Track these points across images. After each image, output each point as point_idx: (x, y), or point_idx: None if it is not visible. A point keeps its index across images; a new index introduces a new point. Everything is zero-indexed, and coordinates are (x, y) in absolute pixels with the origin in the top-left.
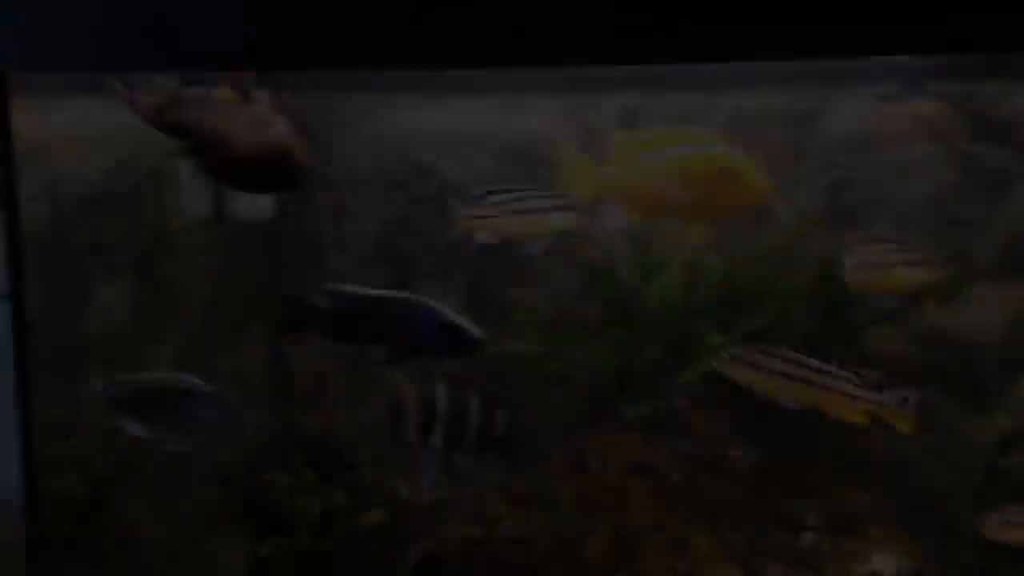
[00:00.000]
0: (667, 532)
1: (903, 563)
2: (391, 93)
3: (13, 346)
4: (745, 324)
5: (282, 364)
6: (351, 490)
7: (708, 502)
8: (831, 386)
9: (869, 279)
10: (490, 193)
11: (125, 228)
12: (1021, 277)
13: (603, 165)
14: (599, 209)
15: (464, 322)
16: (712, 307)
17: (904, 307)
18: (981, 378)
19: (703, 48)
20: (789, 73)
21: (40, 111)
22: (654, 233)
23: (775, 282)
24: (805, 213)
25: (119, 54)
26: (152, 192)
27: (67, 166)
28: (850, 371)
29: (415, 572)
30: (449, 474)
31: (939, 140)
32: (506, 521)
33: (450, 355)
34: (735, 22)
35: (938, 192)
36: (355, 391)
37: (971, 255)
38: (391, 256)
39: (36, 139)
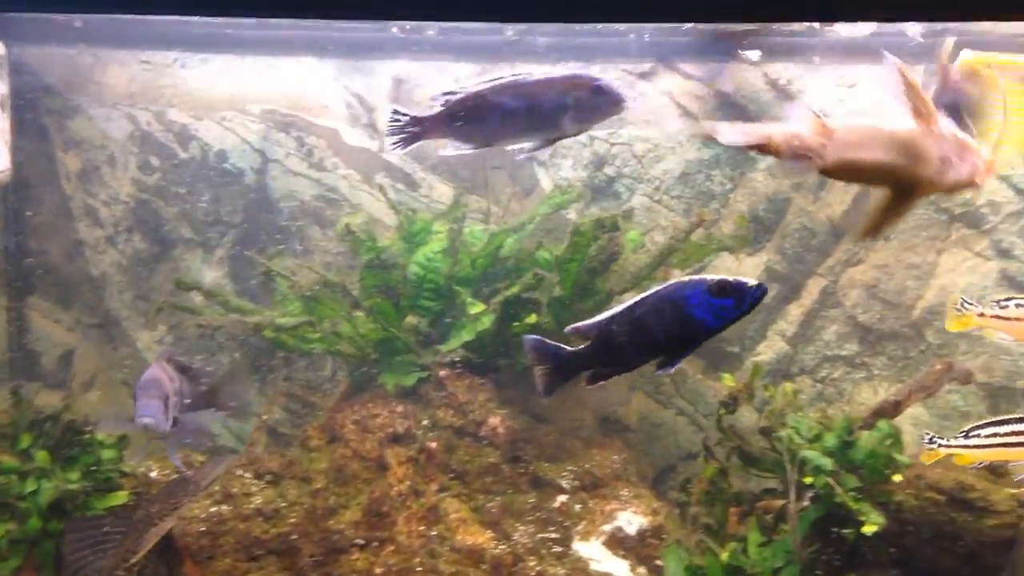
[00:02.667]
0: (422, 499)
1: (646, 520)
2: (145, 49)
3: None
4: (504, 292)
5: (23, 339)
6: (88, 472)
7: (464, 470)
8: None
9: None
10: None
11: None
12: (757, 247)
13: None
14: None
15: (731, 279)
16: (474, 275)
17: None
18: (723, 344)
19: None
20: (552, 46)
21: None
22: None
23: (533, 251)
24: (569, 187)
25: None
26: None
27: None
28: None
29: (159, 553)
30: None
31: (689, 117)
32: (255, 497)
33: (738, 316)
34: None
35: (687, 167)
36: (103, 370)
37: (718, 227)
38: (147, 224)
39: None
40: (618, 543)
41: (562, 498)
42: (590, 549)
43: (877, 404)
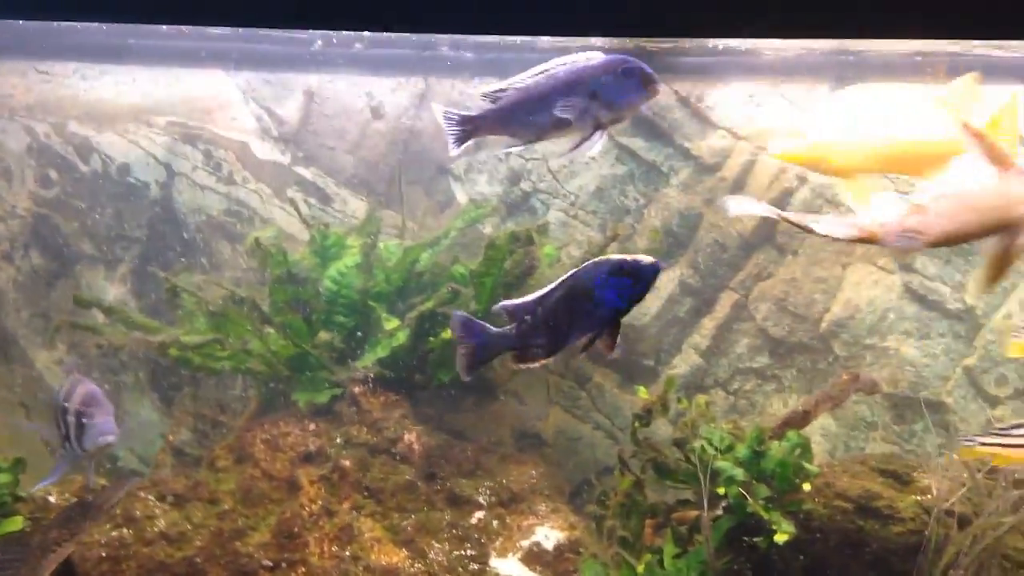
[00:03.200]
0: (335, 519)
1: (563, 535)
2: (44, 59)
3: None
4: (420, 307)
5: None
6: None
7: (379, 488)
8: None
9: None
10: None
11: None
12: (671, 262)
13: None
14: None
15: (629, 258)
16: (389, 291)
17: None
18: (640, 357)
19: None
20: (473, 62)
21: None
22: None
23: (449, 266)
24: (484, 202)
25: None
26: None
27: None
28: None
29: None
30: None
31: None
32: (159, 520)
33: (639, 293)
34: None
35: (602, 182)
36: (11, 388)
37: (633, 241)
38: (45, 240)
39: None
40: (535, 558)
41: (479, 514)
42: (507, 565)
43: (787, 414)
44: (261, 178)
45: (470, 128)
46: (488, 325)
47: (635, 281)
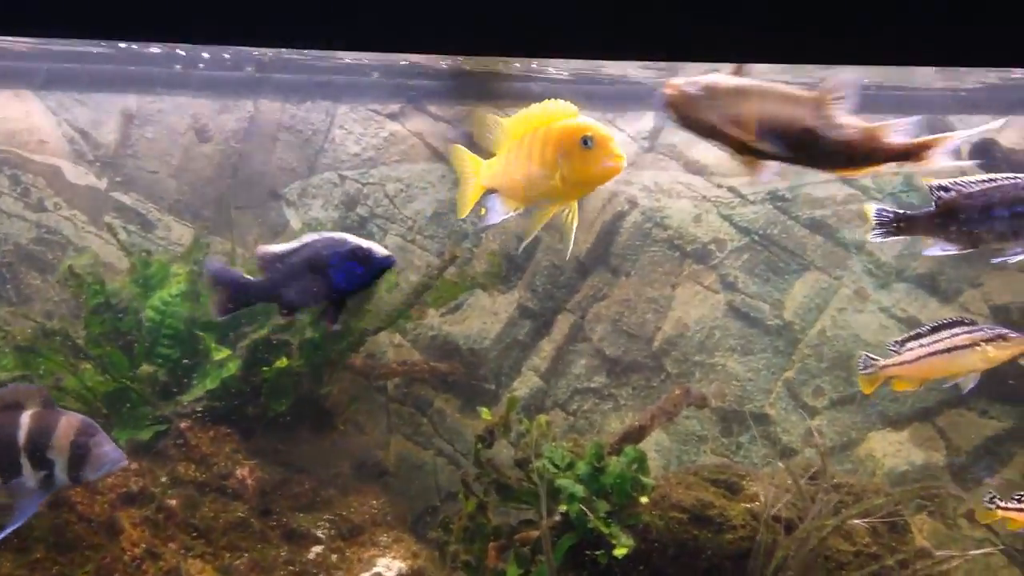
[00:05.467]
0: (160, 562)
1: (405, 564)
2: None
3: None
4: (252, 336)
5: None
6: None
7: (209, 527)
8: None
9: None
10: None
11: None
12: (510, 285)
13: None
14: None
15: (365, 245)
16: (219, 320)
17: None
18: (481, 381)
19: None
20: (298, 84)
21: None
22: (155, 241)
23: None
24: (319, 227)
25: None
26: None
27: None
28: None
29: None
30: None
31: (438, 158)
32: None
33: (367, 281)
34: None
35: (439, 207)
36: None
37: (471, 265)
38: None
39: None
40: None
41: (317, 549)
42: None
43: (624, 430)
44: (75, 204)
45: (904, 227)
46: (243, 275)
47: (365, 269)
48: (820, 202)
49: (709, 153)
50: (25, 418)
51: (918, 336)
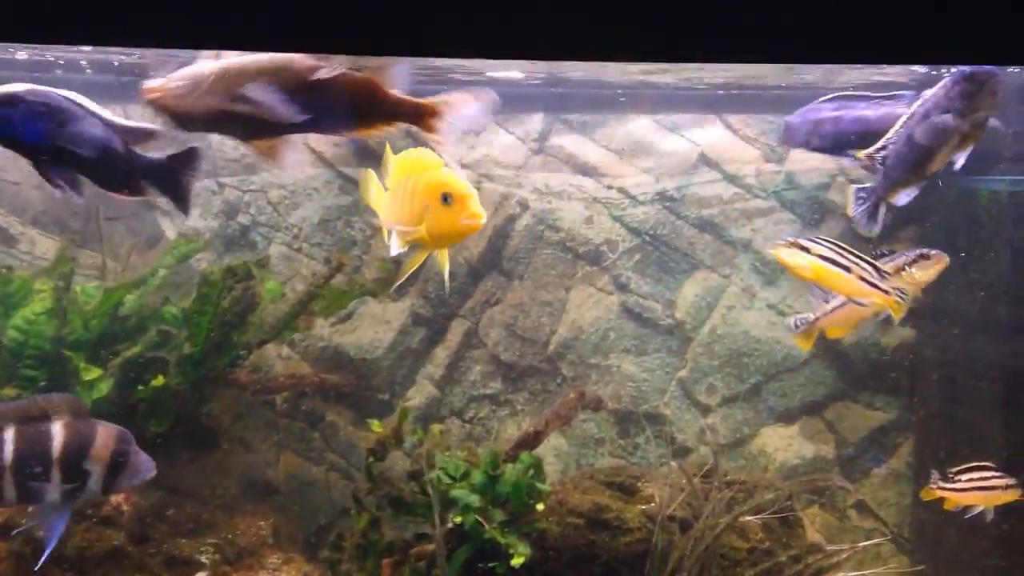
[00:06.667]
0: None
1: None
2: None
3: None
4: (125, 353)
5: None
6: None
7: (81, 557)
8: None
9: None
10: None
11: None
12: (402, 292)
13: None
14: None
15: None
16: (89, 338)
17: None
18: (374, 391)
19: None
20: None
21: None
22: (15, 259)
23: (159, 307)
24: (196, 236)
25: None
26: None
27: None
28: None
29: None
30: None
31: (323, 163)
32: None
33: None
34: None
35: (326, 213)
36: None
37: (361, 273)
38: None
39: None
40: None
41: (203, 575)
42: None
43: (519, 437)
44: None
45: (876, 197)
46: None
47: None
48: (707, 201)
49: (598, 154)
50: (58, 428)
51: None
